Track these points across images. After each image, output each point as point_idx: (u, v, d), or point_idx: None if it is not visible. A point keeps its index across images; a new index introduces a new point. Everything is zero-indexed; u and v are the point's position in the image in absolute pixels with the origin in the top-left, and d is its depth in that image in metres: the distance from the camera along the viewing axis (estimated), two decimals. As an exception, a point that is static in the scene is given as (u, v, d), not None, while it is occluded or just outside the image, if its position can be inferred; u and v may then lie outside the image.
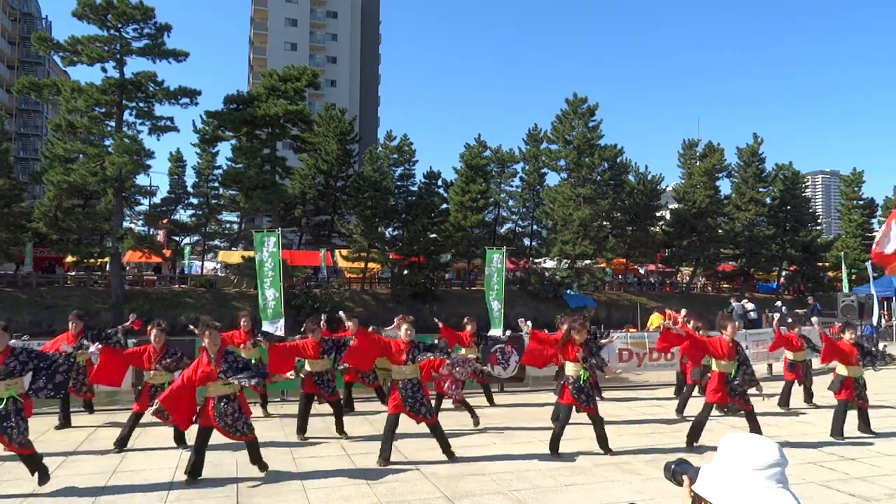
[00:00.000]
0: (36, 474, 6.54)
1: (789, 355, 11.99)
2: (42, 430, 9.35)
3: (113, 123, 35.55)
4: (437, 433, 7.87)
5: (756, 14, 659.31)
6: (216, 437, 8.70)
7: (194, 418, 7.07)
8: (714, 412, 11.19)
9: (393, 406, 7.75)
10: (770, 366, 15.66)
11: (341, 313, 9.96)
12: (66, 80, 38.71)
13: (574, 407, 8.16)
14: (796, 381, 11.91)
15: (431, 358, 7.84)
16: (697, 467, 1.74)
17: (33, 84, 35.67)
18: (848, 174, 55.14)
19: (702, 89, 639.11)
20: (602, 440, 8.21)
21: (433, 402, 9.02)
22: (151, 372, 8.47)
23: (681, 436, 9.32)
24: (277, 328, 12.72)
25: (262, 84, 40.27)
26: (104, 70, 35.03)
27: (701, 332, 11.26)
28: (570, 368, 8.29)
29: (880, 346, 19.52)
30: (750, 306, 27.30)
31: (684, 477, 1.72)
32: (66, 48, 34.43)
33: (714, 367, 8.80)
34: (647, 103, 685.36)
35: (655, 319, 20.78)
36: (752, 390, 8.81)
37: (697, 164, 48.08)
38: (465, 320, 11.49)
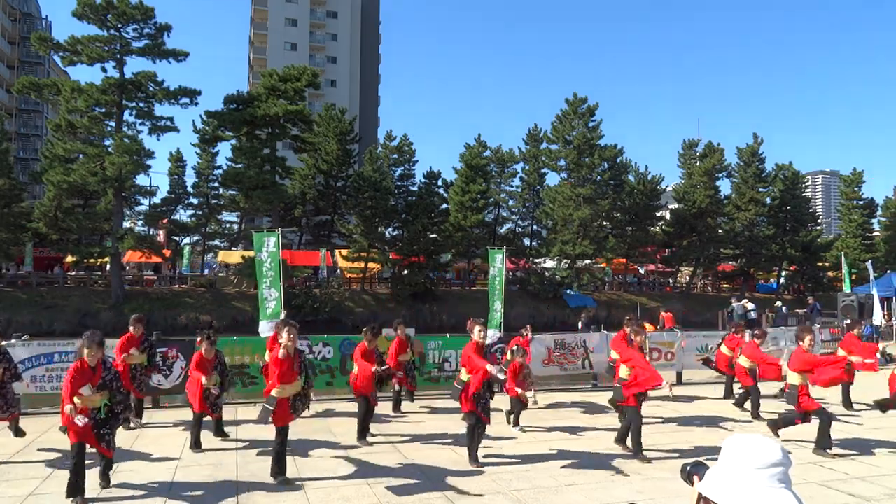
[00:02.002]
0: (104, 476, 6.73)
1: (840, 353, 11.80)
2: (43, 429, 9.36)
3: (113, 123, 35.53)
4: (481, 435, 7.96)
5: (756, 13, 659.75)
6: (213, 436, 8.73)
7: (269, 418, 7.19)
8: (726, 414, 11.21)
9: (468, 406, 7.78)
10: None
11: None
12: (66, 80, 38.70)
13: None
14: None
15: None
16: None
17: (33, 84, 35.64)
18: (848, 174, 55.12)
19: (702, 89, 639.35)
20: (623, 435, 8.36)
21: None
22: (210, 377, 8.61)
23: (680, 436, 9.33)
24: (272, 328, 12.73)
25: (262, 84, 40.25)
26: (104, 70, 35.07)
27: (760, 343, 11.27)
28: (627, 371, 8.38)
29: (881, 346, 19.51)
30: (750, 306, 27.34)
31: (695, 477, 1.72)
32: (66, 48, 34.41)
33: (796, 381, 8.62)
34: (646, 103, 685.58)
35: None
36: None
37: (697, 164, 48.07)
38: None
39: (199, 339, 9.03)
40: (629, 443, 8.24)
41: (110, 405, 6.52)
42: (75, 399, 6.23)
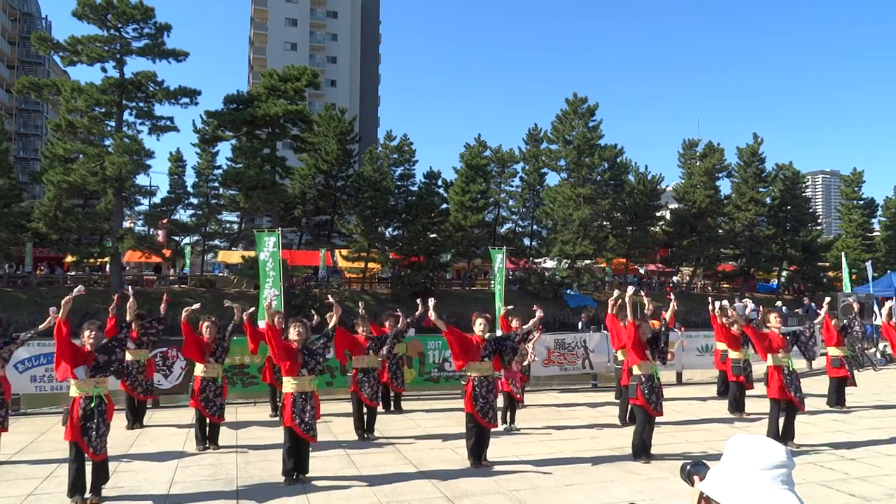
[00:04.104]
0: (88, 484, 6.25)
1: (832, 351, 11.69)
2: (42, 429, 9.36)
3: (113, 123, 35.52)
4: (486, 439, 7.76)
5: (756, 13, 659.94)
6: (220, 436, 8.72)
7: (277, 415, 7.11)
8: (726, 414, 11.20)
9: (468, 407, 7.60)
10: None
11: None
12: (66, 80, 38.69)
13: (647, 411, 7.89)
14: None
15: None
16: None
17: (33, 84, 35.64)
18: (848, 174, 55.19)
19: (702, 89, 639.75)
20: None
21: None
22: (204, 366, 8.43)
23: (679, 436, 9.32)
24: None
25: (262, 84, 40.24)
26: (104, 70, 35.08)
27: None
28: (643, 367, 8.05)
29: (880, 345, 19.53)
30: (751, 306, 27.39)
31: (695, 477, 1.71)
32: (66, 48, 34.41)
33: (769, 363, 8.72)
34: (646, 103, 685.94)
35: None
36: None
37: (697, 163, 48.14)
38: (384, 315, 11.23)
39: (201, 322, 8.87)
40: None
41: (102, 398, 6.25)
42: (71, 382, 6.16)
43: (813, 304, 29.49)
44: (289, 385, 7.03)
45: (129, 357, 9.56)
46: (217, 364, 8.54)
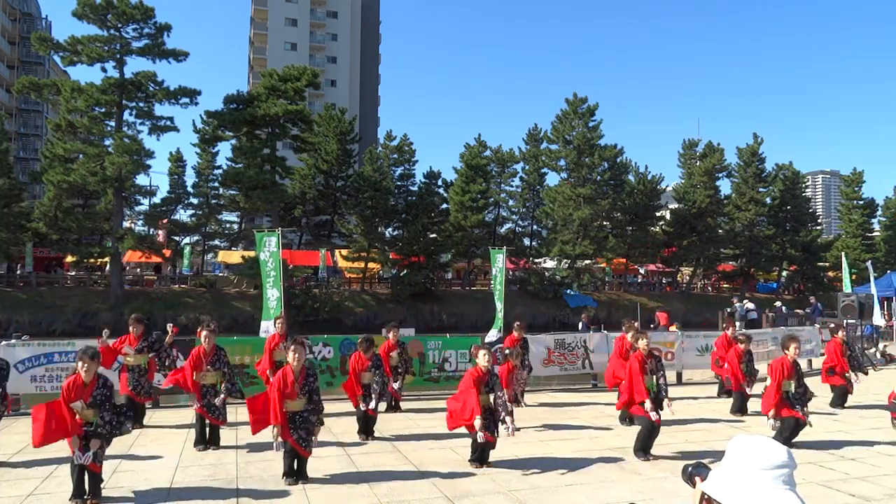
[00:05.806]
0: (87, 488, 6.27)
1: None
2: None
3: (113, 123, 35.50)
4: (489, 448, 7.75)
5: (756, 13, 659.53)
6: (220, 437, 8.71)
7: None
8: (726, 414, 11.20)
9: (473, 430, 7.56)
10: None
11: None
12: (66, 80, 38.66)
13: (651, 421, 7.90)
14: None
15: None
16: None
17: (33, 84, 35.62)
18: (848, 174, 55.19)
19: (702, 89, 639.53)
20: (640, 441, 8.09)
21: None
22: (202, 372, 8.43)
23: (679, 436, 9.32)
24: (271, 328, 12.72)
25: (262, 84, 40.22)
26: (104, 70, 35.03)
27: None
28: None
29: (880, 345, 19.54)
30: (750, 306, 27.46)
31: (697, 479, 1.72)
32: (66, 48, 34.38)
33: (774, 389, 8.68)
34: (646, 103, 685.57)
35: None
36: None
37: (697, 163, 48.13)
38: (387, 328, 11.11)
39: (198, 329, 8.90)
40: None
41: (94, 425, 6.23)
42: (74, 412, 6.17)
43: (818, 305, 29.51)
44: (287, 405, 6.92)
45: (130, 361, 9.59)
46: (214, 371, 8.52)
